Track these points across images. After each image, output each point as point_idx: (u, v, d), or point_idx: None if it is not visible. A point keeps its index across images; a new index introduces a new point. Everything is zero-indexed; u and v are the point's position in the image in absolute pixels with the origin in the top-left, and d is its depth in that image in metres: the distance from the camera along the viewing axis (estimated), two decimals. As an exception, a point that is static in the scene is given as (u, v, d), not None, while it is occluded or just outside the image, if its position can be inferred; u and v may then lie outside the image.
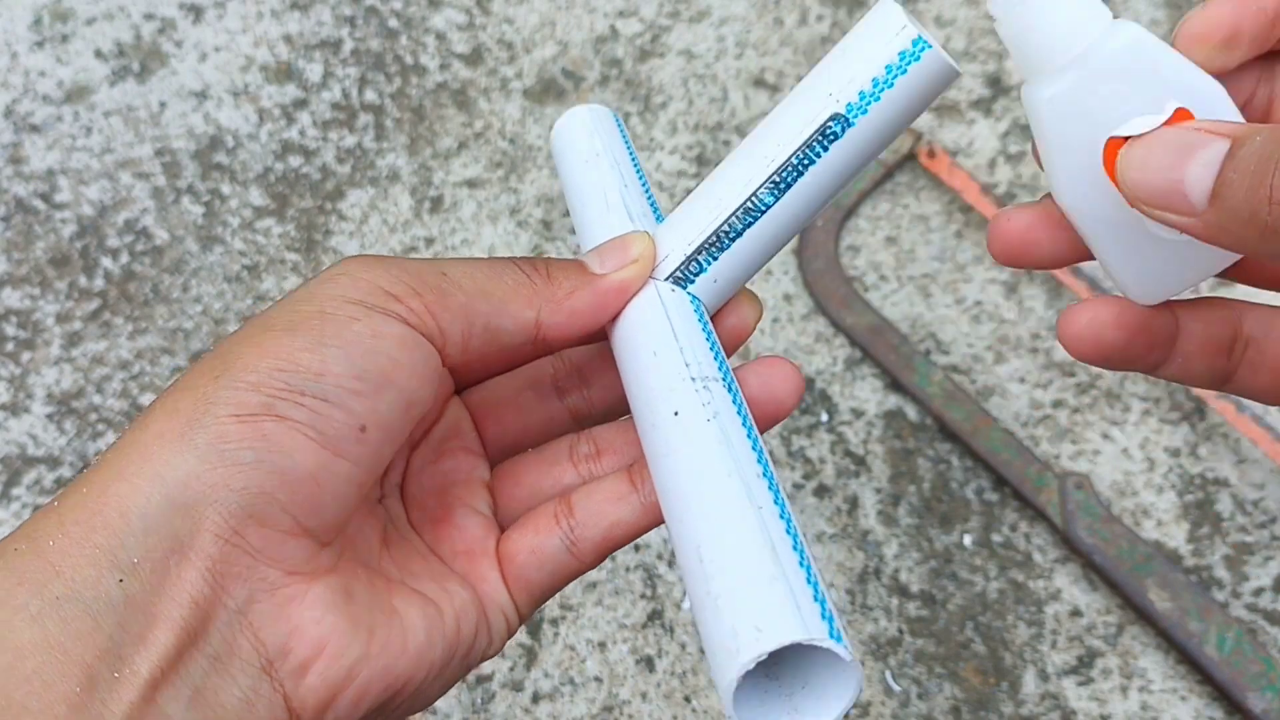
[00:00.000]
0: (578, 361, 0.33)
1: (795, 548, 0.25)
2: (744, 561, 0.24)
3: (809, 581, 0.24)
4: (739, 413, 0.28)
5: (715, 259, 0.30)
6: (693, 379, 0.28)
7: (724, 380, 0.29)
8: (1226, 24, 0.24)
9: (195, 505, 0.23)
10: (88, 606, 0.22)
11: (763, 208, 0.29)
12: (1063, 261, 0.28)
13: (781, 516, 0.25)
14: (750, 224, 0.29)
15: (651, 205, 0.34)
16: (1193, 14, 0.24)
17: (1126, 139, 0.24)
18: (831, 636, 0.23)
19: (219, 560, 0.23)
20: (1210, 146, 0.22)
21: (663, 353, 0.29)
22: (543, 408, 0.33)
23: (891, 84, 0.27)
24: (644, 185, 0.34)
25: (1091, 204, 0.25)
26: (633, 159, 0.35)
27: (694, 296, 0.31)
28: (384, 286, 0.26)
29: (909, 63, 0.27)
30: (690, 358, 0.29)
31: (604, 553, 0.30)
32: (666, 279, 0.30)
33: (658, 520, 0.30)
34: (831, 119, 0.28)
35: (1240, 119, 0.24)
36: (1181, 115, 0.23)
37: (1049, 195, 0.27)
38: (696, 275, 0.30)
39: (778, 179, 0.29)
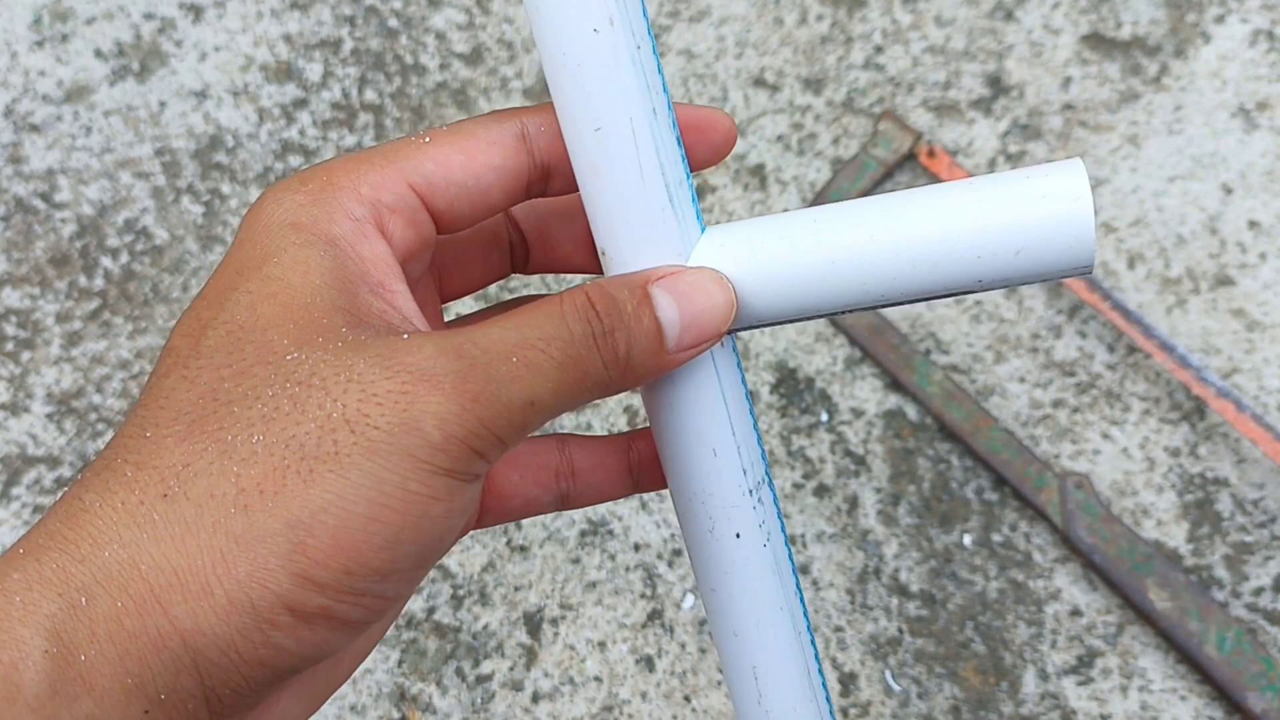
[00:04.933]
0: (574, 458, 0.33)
1: (816, 659, 0.30)
2: (791, 684, 0.29)
3: (824, 689, 0.30)
4: (778, 518, 0.29)
5: (773, 312, 0.27)
6: (750, 491, 0.28)
7: (767, 478, 0.29)
8: None
9: (226, 669, 0.23)
10: None
11: (853, 311, 0.27)
12: None
13: (808, 632, 0.30)
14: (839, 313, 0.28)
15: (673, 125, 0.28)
16: None
17: None
18: None
19: (231, 707, 0.24)
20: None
21: (722, 452, 0.27)
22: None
23: (1035, 278, 0.25)
24: (665, 89, 0.28)
25: None
26: (649, 35, 0.27)
27: (734, 343, 0.28)
28: (475, 447, 0.24)
29: (1065, 275, 0.25)
30: (746, 460, 0.28)
31: (587, 506, 0.33)
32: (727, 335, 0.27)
33: (642, 490, 0.32)
34: (966, 287, 0.26)
35: None
36: None
37: None
38: (745, 327, 0.28)
39: (879, 303, 0.26)
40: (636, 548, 0.60)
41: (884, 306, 0.26)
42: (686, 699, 0.56)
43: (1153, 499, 0.58)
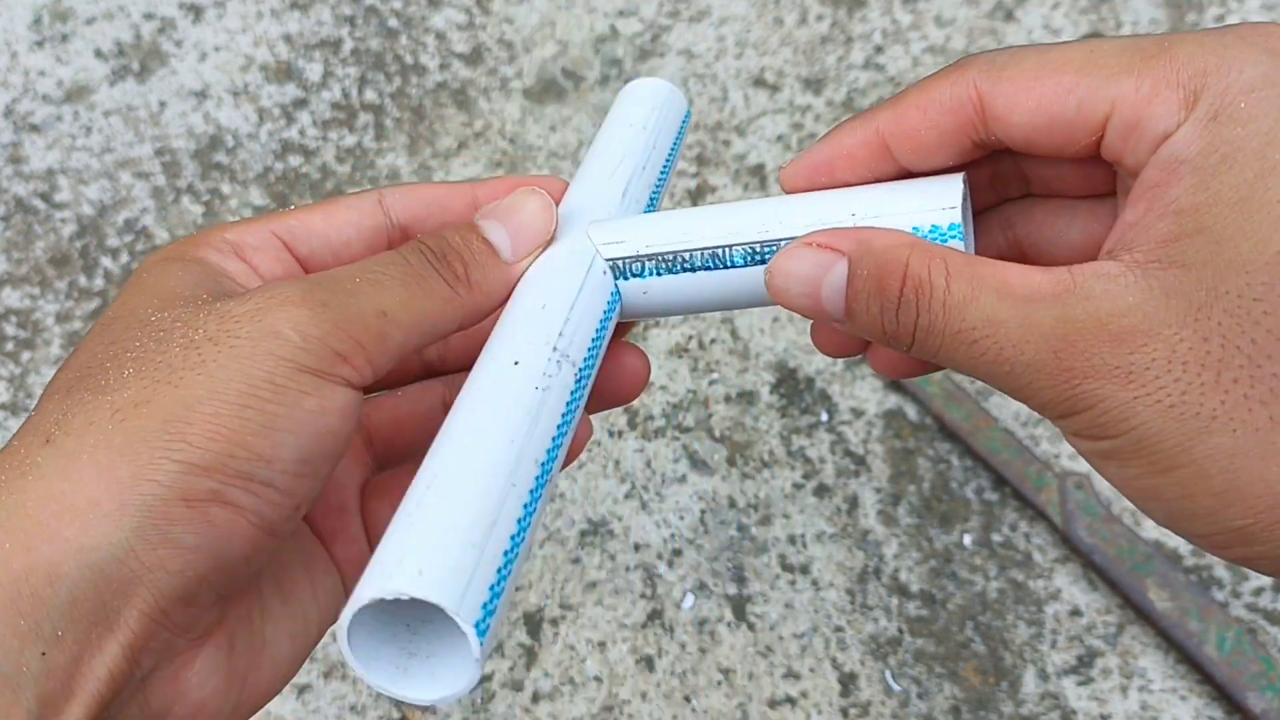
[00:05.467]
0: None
1: (514, 540, 0.25)
2: (461, 512, 0.24)
3: (499, 573, 0.24)
4: (567, 407, 0.28)
5: (658, 275, 0.30)
6: (555, 348, 0.28)
7: (580, 373, 0.29)
8: (803, 170, 0.28)
9: (128, 583, 0.23)
10: (8, 679, 0.22)
11: (728, 264, 0.29)
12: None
13: (525, 511, 0.25)
14: (708, 268, 0.29)
15: (652, 201, 0.34)
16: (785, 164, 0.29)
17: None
18: (476, 628, 0.22)
19: (140, 636, 0.23)
20: (834, 269, 0.26)
21: (551, 309, 0.29)
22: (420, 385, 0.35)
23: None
24: (661, 181, 0.34)
25: None
26: (669, 158, 0.35)
27: (616, 291, 0.31)
28: (334, 346, 0.25)
29: (936, 237, 0.26)
30: (569, 331, 0.28)
31: None
32: (606, 260, 0.30)
33: None
34: None
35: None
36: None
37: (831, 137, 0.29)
38: (633, 276, 0.30)
39: (757, 251, 0.29)
40: (636, 548, 0.60)
41: (759, 246, 0.29)
42: (686, 699, 0.56)
43: (1153, 499, 0.58)
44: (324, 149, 0.72)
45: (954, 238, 0.26)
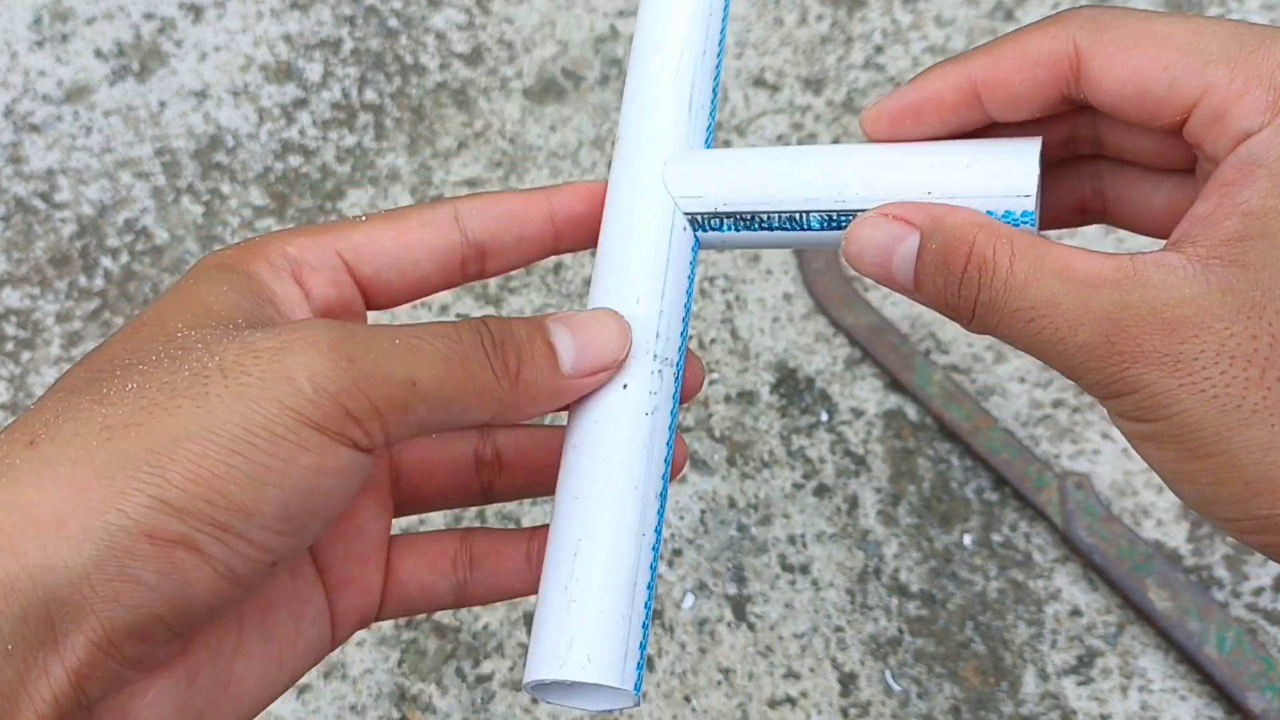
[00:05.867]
0: (500, 446, 0.34)
1: (649, 589, 0.26)
2: (610, 586, 0.25)
3: (644, 628, 0.26)
4: (670, 421, 0.28)
5: (736, 231, 0.29)
6: (655, 355, 0.28)
7: (677, 374, 0.28)
8: (888, 114, 0.28)
9: (80, 608, 0.22)
10: None
11: (806, 226, 0.29)
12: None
13: (654, 548, 0.27)
14: (785, 229, 0.29)
15: (713, 97, 0.32)
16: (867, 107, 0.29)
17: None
18: (635, 688, 0.25)
19: (87, 664, 0.22)
20: (906, 241, 0.26)
21: (645, 300, 0.28)
22: (456, 470, 0.34)
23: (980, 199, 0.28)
24: (719, 65, 0.32)
25: None
26: (723, 31, 0.32)
27: (695, 247, 0.30)
28: (347, 405, 0.24)
29: (1009, 220, 0.27)
30: (664, 328, 0.28)
31: (486, 604, 0.33)
32: (685, 214, 0.29)
33: None
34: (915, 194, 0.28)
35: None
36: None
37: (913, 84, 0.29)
38: (711, 230, 0.30)
39: (835, 218, 0.28)
40: (636, 548, 0.60)
41: (835, 214, 0.28)
42: (686, 699, 0.56)
43: (1153, 499, 0.58)
44: (324, 149, 0.72)
45: (1026, 222, 0.27)
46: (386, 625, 0.59)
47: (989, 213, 0.26)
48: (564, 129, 0.71)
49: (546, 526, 0.31)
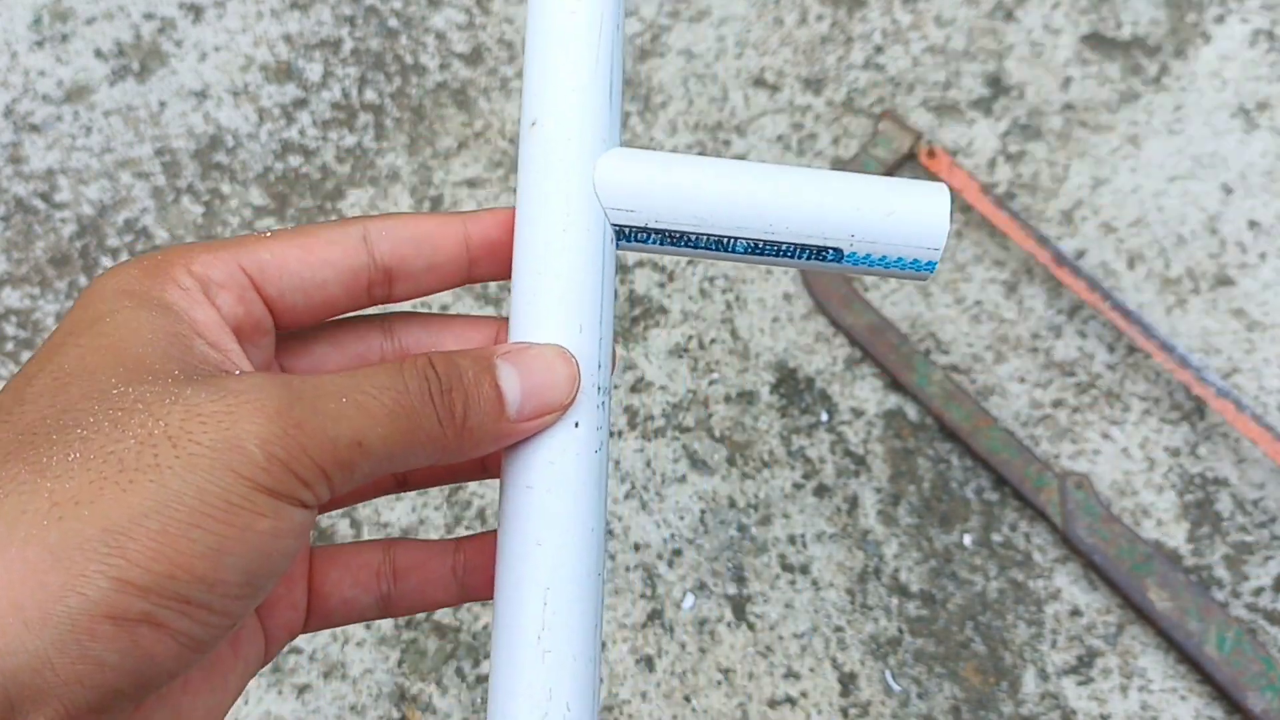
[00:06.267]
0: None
1: (598, 628, 0.27)
2: (582, 633, 0.25)
3: (598, 666, 0.26)
4: (605, 452, 0.27)
5: (660, 245, 0.29)
6: (599, 387, 0.27)
7: (609, 400, 0.28)
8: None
9: (42, 692, 0.21)
10: None
11: (731, 250, 0.29)
12: None
13: (603, 594, 0.27)
14: (710, 249, 0.29)
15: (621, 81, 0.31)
16: None
17: None
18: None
19: None
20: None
21: (587, 328, 0.27)
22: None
23: (896, 266, 0.29)
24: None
25: None
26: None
27: (615, 259, 0.29)
28: (297, 471, 0.24)
29: (917, 269, 0.28)
30: (604, 354, 0.27)
31: (411, 615, 0.32)
32: (613, 226, 0.28)
33: (469, 599, 0.32)
34: (834, 249, 0.29)
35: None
36: None
37: None
38: (636, 242, 0.29)
39: (760, 246, 0.29)
40: (636, 548, 0.60)
41: (761, 243, 0.29)
42: (686, 699, 0.56)
43: (1153, 499, 0.58)
44: (324, 149, 0.72)
45: (932, 271, 0.28)
46: (387, 625, 0.59)
47: (899, 260, 0.28)
48: (564, 129, 0.71)
49: (474, 537, 0.31)
